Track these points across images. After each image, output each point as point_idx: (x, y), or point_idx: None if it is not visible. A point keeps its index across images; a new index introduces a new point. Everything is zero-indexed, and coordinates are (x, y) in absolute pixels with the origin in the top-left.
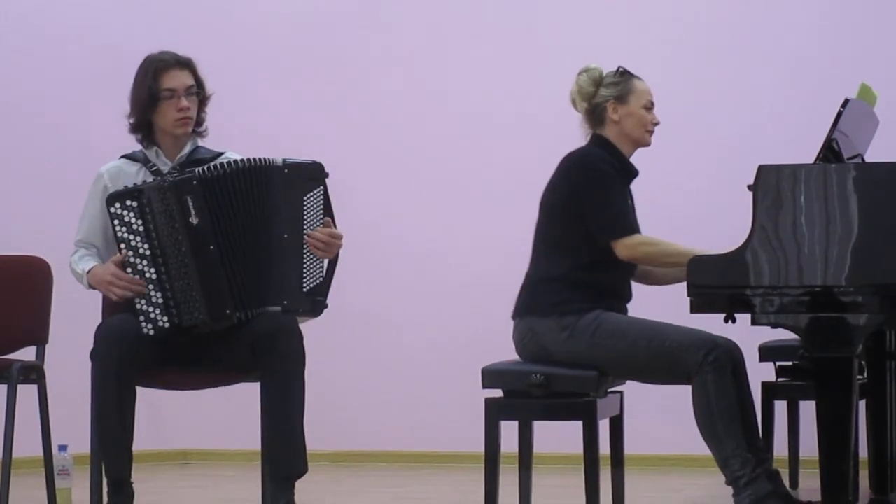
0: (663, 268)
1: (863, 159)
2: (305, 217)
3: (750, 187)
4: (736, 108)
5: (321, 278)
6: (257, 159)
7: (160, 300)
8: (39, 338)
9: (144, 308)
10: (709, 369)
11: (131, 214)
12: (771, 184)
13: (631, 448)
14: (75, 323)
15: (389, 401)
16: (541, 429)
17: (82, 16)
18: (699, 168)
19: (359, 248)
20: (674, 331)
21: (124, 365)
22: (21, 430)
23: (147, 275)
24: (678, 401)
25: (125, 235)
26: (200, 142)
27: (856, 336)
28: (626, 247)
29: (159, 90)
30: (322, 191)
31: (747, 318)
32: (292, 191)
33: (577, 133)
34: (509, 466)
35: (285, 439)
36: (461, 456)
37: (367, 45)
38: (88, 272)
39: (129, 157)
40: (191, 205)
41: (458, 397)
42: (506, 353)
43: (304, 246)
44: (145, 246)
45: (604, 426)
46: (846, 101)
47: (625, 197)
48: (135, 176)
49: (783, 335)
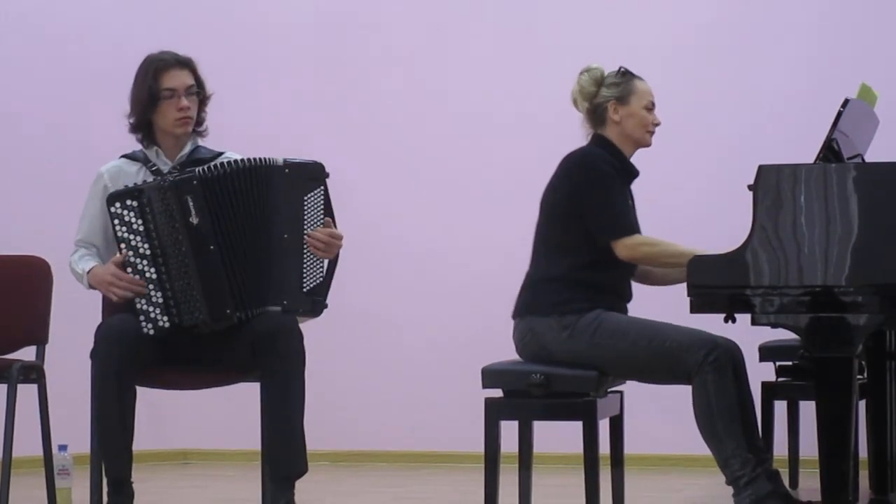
0: (663, 268)
1: (863, 159)
2: (306, 217)
3: (750, 187)
4: (736, 108)
5: (321, 278)
6: (258, 159)
7: (160, 300)
8: (39, 337)
9: (144, 308)
10: (709, 369)
11: (131, 214)
12: (771, 184)
13: (631, 448)
14: (75, 323)
15: (389, 401)
16: (541, 429)
17: (82, 16)
18: (699, 168)
19: (359, 248)
20: (674, 331)
21: (124, 365)
22: (21, 430)
23: (147, 274)
24: (678, 401)
25: (125, 235)
26: (200, 141)
27: (856, 336)
28: (626, 247)
29: (159, 90)
30: (322, 191)
31: (747, 318)
32: (293, 191)
33: (577, 133)
34: (509, 466)
35: (285, 439)
36: (461, 456)
37: (367, 45)
38: (89, 272)
39: (130, 156)
40: (191, 204)
41: (458, 397)
42: (506, 353)
43: (305, 246)
44: (145, 246)
45: (604, 426)
46: (846, 101)
47: (625, 197)
48: (135, 176)
49: (783, 335)
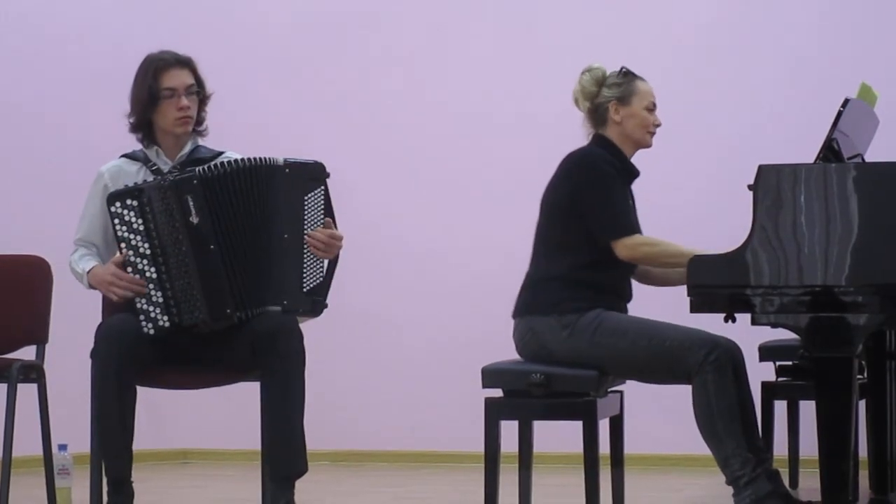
0: (663, 268)
1: (863, 159)
2: (306, 217)
3: (750, 187)
4: (736, 108)
5: (321, 278)
6: (258, 159)
7: (160, 299)
8: (39, 337)
9: (145, 307)
10: (709, 369)
11: (132, 214)
12: (771, 184)
13: (631, 448)
14: (75, 322)
15: (389, 401)
16: (541, 428)
17: (82, 16)
18: (699, 168)
19: (359, 248)
20: (674, 330)
21: (124, 364)
22: (21, 430)
23: (147, 274)
24: (678, 401)
25: (125, 235)
26: (201, 141)
27: (856, 336)
28: (626, 247)
29: (159, 89)
30: (323, 191)
31: (747, 317)
32: (293, 190)
33: (577, 133)
34: (509, 466)
35: (285, 439)
36: (461, 456)
37: (367, 45)
38: (89, 272)
39: (130, 156)
40: (191, 204)
41: (458, 397)
42: (506, 353)
43: (305, 246)
44: (146, 245)
45: (604, 426)
46: (846, 101)
47: (626, 197)
48: (135, 175)
49: (783, 335)
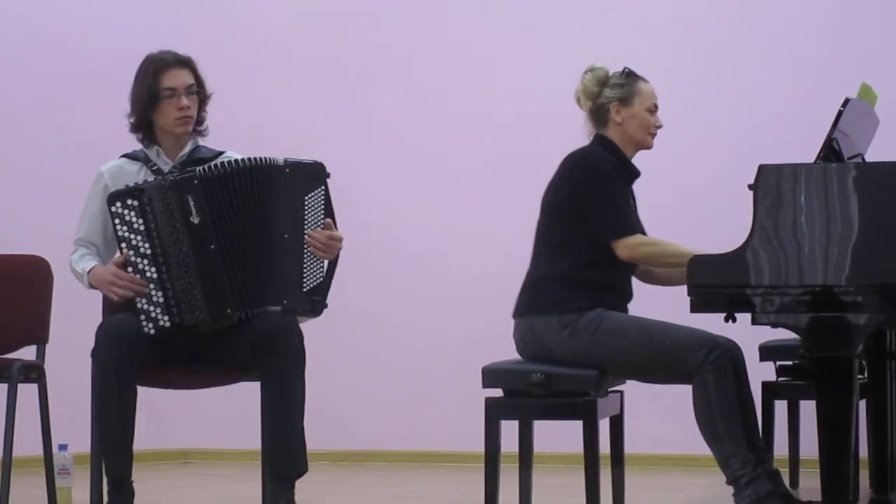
0: (664, 268)
1: (863, 159)
2: (306, 217)
3: (750, 187)
4: (736, 108)
5: (321, 278)
6: (258, 159)
7: (161, 299)
8: (40, 337)
9: (145, 307)
10: (709, 369)
11: (132, 213)
12: (771, 183)
13: (631, 447)
14: (75, 322)
15: (389, 401)
16: (541, 428)
17: (82, 16)
18: (699, 168)
19: (359, 248)
20: (675, 330)
21: (125, 364)
22: (21, 429)
23: (148, 274)
24: (678, 401)
25: (126, 234)
26: (201, 141)
27: (856, 336)
28: (626, 247)
29: (159, 89)
30: (323, 191)
31: (747, 317)
32: (293, 190)
33: (576, 133)
34: (509, 466)
35: (285, 439)
36: (461, 455)
37: (367, 45)
38: (89, 272)
39: (130, 156)
40: (192, 204)
41: (458, 397)
42: (506, 353)
43: (305, 246)
44: (146, 245)
45: (604, 425)
46: (847, 101)
47: (626, 197)
48: (135, 175)
49: (783, 335)
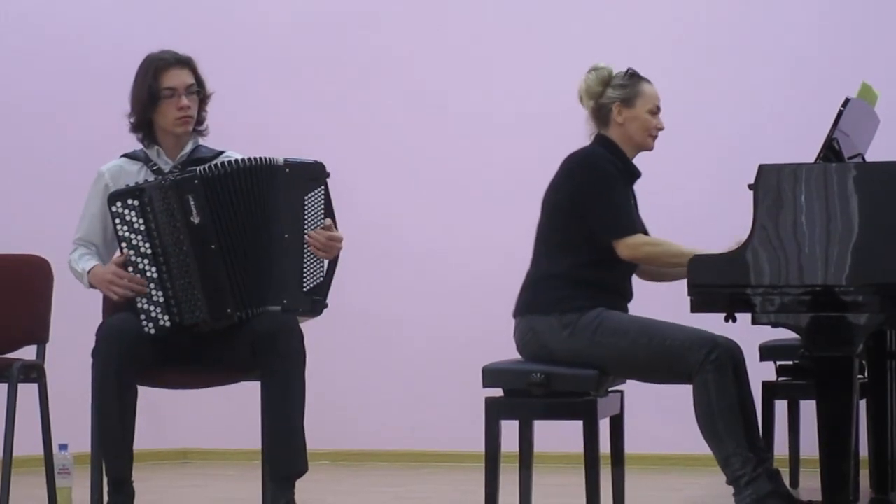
0: (664, 268)
1: (863, 159)
2: (306, 217)
3: (750, 187)
4: (736, 108)
5: (321, 278)
6: (259, 158)
7: (161, 299)
8: (40, 337)
9: (145, 307)
10: (710, 368)
11: (133, 213)
12: (771, 183)
13: (631, 447)
14: (76, 322)
15: (389, 401)
16: (541, 428)
17: (82, 16)
18: (699, 168)
19: (359, 248)
20: (675, 330)
21: (125, 364)
22: (21, 429)
23: (148, 274)
24: (678, 400)
25: (126, 234)
26: (201, 141)
27: (856, 335)
28: (627, 247)
29: (160, 89)
30: (323, 191)
31: (748, 317)
32: (293, 190)
33: (577, 133)
34: (510, 466)
35: (285, 439)
36: (461, 455)
37: (367, 45)
38: (89, 271)
39: (130, 156)
40: (192, 204)
41: (458, 397)
42: (506, 353)
43: (305, 246)
44: (146, 245)
45: (604, 425)
46: (847, 101)
47: (627, 197)
48: (136, 175)
49: (783, 335)
